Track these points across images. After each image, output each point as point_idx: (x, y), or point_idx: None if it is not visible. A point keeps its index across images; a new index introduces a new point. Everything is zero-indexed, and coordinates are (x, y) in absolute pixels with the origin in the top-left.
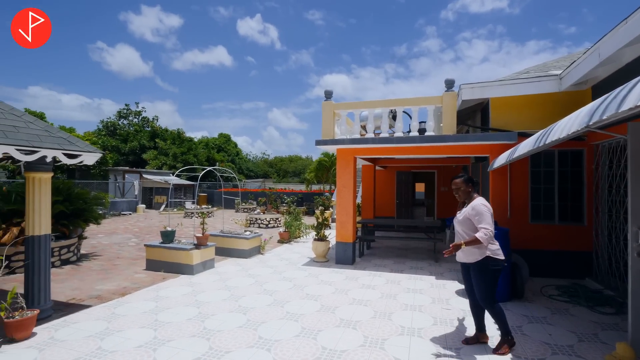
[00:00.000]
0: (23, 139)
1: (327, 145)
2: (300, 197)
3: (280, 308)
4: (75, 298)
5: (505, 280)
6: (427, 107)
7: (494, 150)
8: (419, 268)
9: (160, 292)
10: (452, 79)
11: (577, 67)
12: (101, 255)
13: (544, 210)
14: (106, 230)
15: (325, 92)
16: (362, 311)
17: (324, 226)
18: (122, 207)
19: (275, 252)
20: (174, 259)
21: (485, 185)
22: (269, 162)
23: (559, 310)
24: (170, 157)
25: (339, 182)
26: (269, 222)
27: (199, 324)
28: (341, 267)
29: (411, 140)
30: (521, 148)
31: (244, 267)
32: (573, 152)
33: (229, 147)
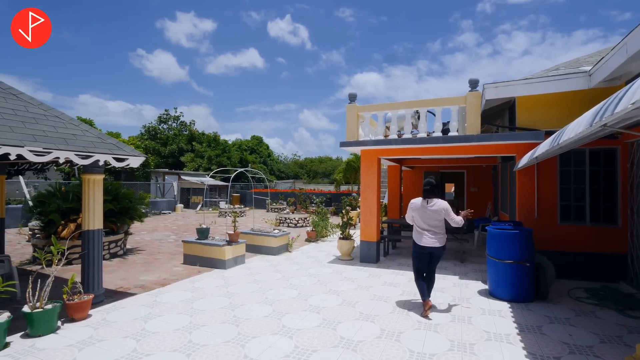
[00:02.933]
0: (81, 146)
1: (351, 146)
2: (329, 197)
3: (304, 301)
4: (123, 287)
5: (529, 280)
6: (450, 108)
7: (520, 149)
8: (444, 268)
9: (195, 283)
10: (476, 78)
11: (606, 64)
12: (144, 250)
13: (575, 210)
14: (148, 227)
15: (349, 95)
16: (382, 306)
17: (348, 225)
18: (162, 206)
19: (302, 250)
20: (208, 254)
21: (512, 185)
22: (299, 163)
23: (584, 312)
24: (206, 159)
25: (363, 183)
26: (298, 222)
27: (229, 312)
28: (365, 265)
29: (434, 141)
30: (540, 148)
31: (272, 264)
32: (606, 151)
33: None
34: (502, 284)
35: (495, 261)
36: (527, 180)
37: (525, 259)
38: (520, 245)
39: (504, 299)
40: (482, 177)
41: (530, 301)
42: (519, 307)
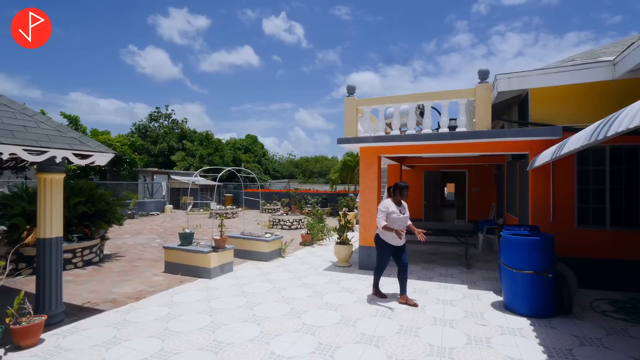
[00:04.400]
0: (31, 139)
1: (349, 143)
2: (325, 197)
3: (297, 319)
4: (91, 301)
5: (550, 293)
6: (458, 101)
7: (534, 147)
8: (449, 275)
9: (175, 296)
10: (487, 69)
11: (636, 51)
12: (124, 256)
13: (593, 213)
14: (133, 230)
15: (347, 87)
16: (386, 325)
17: (346, 229)
18: (150, 207)
19: (296, 255)
20: (191, 261)
21: (523, 186)
22: (294, 163)
23: (616, 330)
24: (197, 158)
25: (362, 183)
26: (292, 224)
27: (209, 335)
28: (364, 273)
29: (441, 137)
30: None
31: (263, 271)
32: (628, 149)
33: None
34: (521, 296)
35: (511, 271)
36: (542, 180)
37: (547, 269)
38: (541, 253)
39: (523, 313)
40: (484, 177)
41: (552, 316)
42: (541, 325)
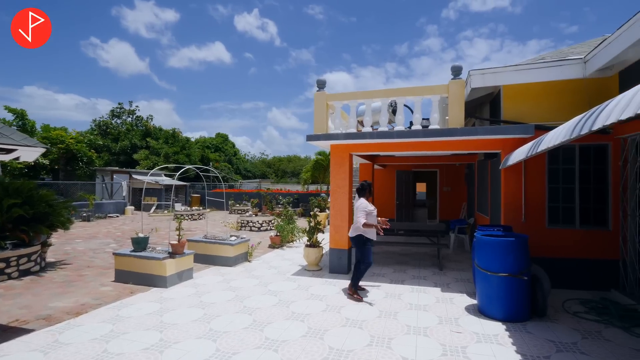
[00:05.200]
0: None
1: (319, 140)
2: (296, 197)
3: (259, 332)
4: (20, 319)
5: (525, 296)
6: (431, 98)
7: (507, 145)
8: (422, 278)
9: (122, 310)
10: (460, 65)
11: (608, 47)
12: (71, 263)
13: (563, 213)
14: (86, 234)
15: (317, 81)
16: (356, 336)
17: (316, 230)
18: (109, 209)
19: (264, 259)
20: (145, 269)
21: (495, 185)
22: (267, 163)
23: (590, 332)
24: (162, 157)
25: (332, 183)
26: (262, 225)
27: (154, 357)
28: (335, 277)
29: (414, 135)
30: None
31: (226, 278)
32: (596, 147)
33: (226, 147)
34: (496, 300)
35: (486, 274)
36: (514, 179)
37: (522, 271)
38: (516, 255)
39: (498, 318)
40: (455, 177)
41: (526, 320)
42: (516, 330)
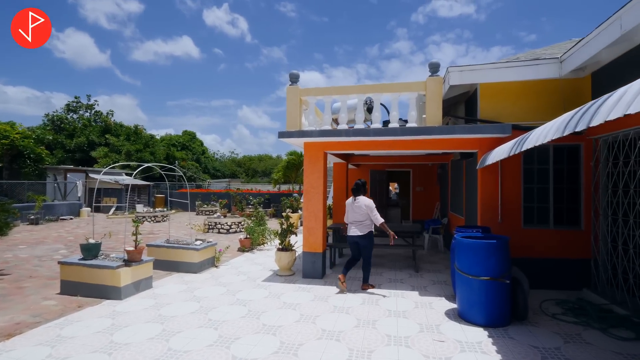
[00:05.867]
0: None
1: (292, 138)
2: (268, 198)
3: (226, 350)
4: None
5: (507, 299)
6: (408, 96)
7: (483, 145)
8: (399, 281)
9: (65, 329)
10: (437, 61)
11: (586, 46)
12: (10, 273)
13: (538, 213)
14: (33, 239)
15: (290, 74)
16: (333, 349)
17: (289, 233)
18: (62, 210)
19: (232, 264)
20: (96, 279)
21: (471, 185)
22: (237, 162)
23: (571, 336)
24: (123, 154)
25: (306, 182)
26: (231, 227)
27: None
28: (309, 283)
29: (391, 133)
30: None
31: (190, 286)
32: (569, 148)
33: (194, 145)
34: (477, 305)
35: (467, 278)
36: (491, 179)
37: (503, 274)
38: (498, 257)
39: (479, 323)
40: (427, 177)
41: (508, 324)
42: (499, 336)
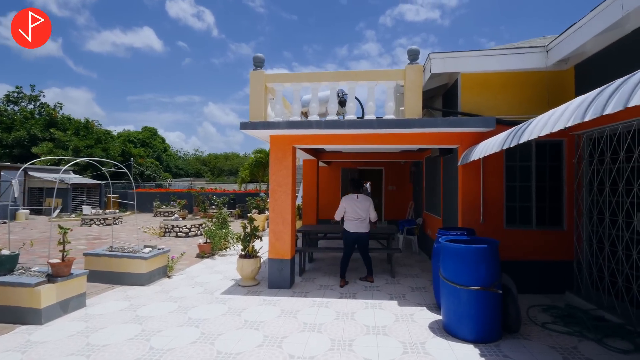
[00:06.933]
0: None
1: (256, 129)
2: (233, 197)
3: None
4: None
5: (497, 310)
6: (385, 85)
7: (465, 140)
8: (375, 288)
9: None
10: (417, 48)
11: (577, 32)
12: None
13: (520, 212)
14: None
15: (254, 58)
16: None
17: (253, 237)
18: None
19: (189, 273)
20: (9, 300)
21: (449, 184)
22: (202, 160)
23: (567, 350)
24: (71, 151)
25: (272, 180)
26: (190, 229)
27: None
28: (275, 294)
29: (367, 125)
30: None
31: (133, 303)
32: (551, 144)
33: (154, 142)
34: (466, 318)
35: (454, 287)
36: (472, 177)
37: (494, 282)
38: (489, 264)
39: (469, 339)
40: (400, 175)
41: (499, 339)
42: (492, 354)
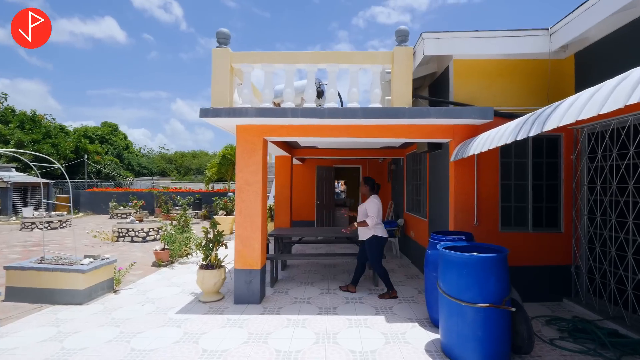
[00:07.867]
0: None
1: (219, 117)
2: (199, 198)
3: None
4: None
5: (506, 331)
6: (370, 69)
7: (458, 133)
8: (358, 300)
9: None
10: (405, 28)
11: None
12: None
13: (516, 213)
14: None
15: (217, 33)
16: None
17: (216, 244)
18: None
19: (140, 286)
20: None
21: (437, 182)
22: (167, 158)
23: None
24: (13, 145)
25: (239, 178)
26: (148, 233)
27: None
28: (242, 312)
29: (350, 114)
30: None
31: (62, 330)
32: (549, 139)
33: (115, 138)
34: (472, 341)
35: (459, 305)
36: (466, 175)
37: (504, 297)
38: (498, 276)
39: None
40: (379, 173)
41: None
42: None
